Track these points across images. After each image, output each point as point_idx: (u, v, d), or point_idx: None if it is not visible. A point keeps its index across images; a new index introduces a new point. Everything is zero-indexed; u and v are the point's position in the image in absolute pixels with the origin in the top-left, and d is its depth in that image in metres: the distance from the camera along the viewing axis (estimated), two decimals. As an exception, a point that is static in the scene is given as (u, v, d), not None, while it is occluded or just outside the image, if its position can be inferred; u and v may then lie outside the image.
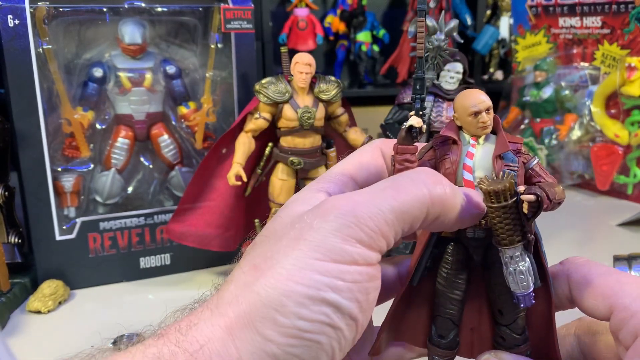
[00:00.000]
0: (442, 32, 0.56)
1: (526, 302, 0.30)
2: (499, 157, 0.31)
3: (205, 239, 0.61)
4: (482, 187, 0.29)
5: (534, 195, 0.28)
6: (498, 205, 0.29)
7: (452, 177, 0.31)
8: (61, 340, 0.52)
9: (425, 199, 0.28)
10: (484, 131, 0.31)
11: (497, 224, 0.29)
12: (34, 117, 0.57)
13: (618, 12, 0.90)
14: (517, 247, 0.30)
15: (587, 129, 0.94)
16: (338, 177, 0.33)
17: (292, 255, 0.27)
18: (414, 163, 0.31)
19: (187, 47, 0.68)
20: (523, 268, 0.30)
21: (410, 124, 0.31)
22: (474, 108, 0.31)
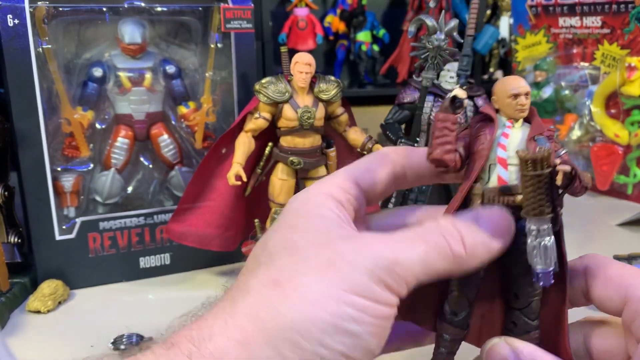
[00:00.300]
0: (442, 32, 0.56)
1: (545, 281, 0.30)
2: (533, 140, 0.31)
3: (205, 238, 0.61)
4: (520, 155, 0.29)
5: (570, 167, 0.29)
6: (534, 173, 0.29)
7: (485, 153, 0.32)
8: (61, 340, 0.52)
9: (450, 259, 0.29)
10: (521, 114, 0.32)
11: (530, 193, 0.30)
12: (34, 117, 0.57)
13: (618, 12, 0.90)
14: (546, 219, 0.30)
15: (587, 128, 0.94)
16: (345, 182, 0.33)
17: (321, 282, 0.27)
18: (453, 132, 0.32)
19: (187, 47, 0.68)
20: (549, 243, 0.30)
21: (454, 94, 0.32)
22: (514, 90, 0.32)
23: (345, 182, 0.33)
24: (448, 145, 0.32)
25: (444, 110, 0.32)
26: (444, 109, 0.32)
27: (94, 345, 0.50)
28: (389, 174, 0.35)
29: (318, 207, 0.31)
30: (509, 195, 0.31)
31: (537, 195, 0.30)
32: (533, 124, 0.32)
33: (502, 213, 0.31)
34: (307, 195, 0.32)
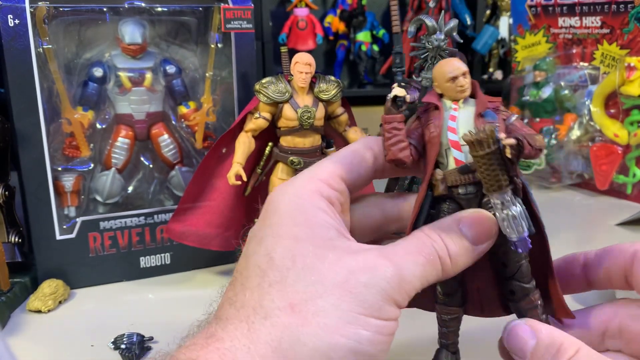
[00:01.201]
0: (442, 32, 0.56)
1: (523, 247, 0.32)
2: (480, 116, 0.33)
3: (205, 238, 0.61)
4: (465, 139, 0.31)
5: (515, 139, 0.30)
6: (483, 153, 0.30)
7: (437, 140, 0.33)
8: (61, 340, 0.52)
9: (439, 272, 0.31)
10: (463, 94, 0.33)
11: (484, 172, 0.31)
12: (34, 116, 0.58)
13: (617, 12, 0.90)
14: (506, 191, 0.31)
15: (586, 128, 0.94)
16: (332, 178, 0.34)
17: (338, 307, 0.28)
18: (402, 130, 0.33)
19: (187, 47, 0.68)
20: (515, 212, 0.31)
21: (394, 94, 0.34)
22: (451, 74, 0.33)
23: (331, 178, 0.33)
24: (400, 143, 0.33)
25: (387, 111, 0.33)
26: (387, 110, 0.34)
27: (94, 345, 0.51)
28: (370, 167, 0.35)
29: (314, 211, 0.31)
30: (469, 173, 0.32)
31: (491, 172, 0.31)
32: (477, 101, 0.33)
33: (481, 218, 0.32)
34: (298, 197, 0.32)
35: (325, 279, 0.29)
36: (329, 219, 0.31)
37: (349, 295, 0.28)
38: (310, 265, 0.29)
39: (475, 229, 0.32)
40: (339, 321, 0.28)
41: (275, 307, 0.28)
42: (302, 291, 0.28)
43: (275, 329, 0.28)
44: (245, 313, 0.29)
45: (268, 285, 0.29)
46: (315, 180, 0.33)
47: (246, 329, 0.28)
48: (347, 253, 0.30)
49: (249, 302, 0.29)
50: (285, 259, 0.30)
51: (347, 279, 0.29)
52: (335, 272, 0.29)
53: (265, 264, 0.30)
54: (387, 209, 0.37)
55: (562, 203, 0.91)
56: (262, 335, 0.28)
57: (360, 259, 0.30)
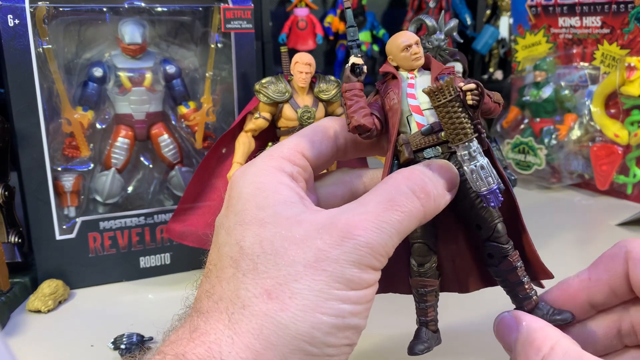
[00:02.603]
0: (442, 32, 0.56)
1: (495, 200, 0.31)
2: (436, 79, 0.34)
3: (205, 238, 0.61)
4: (425, 90, 0.31)
5: (474, 83, 0.31)
6: (445, 100, 0.31)
7: (398, 107, 0.33)
8: (61, 340, 0.52)
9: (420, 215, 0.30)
10: (418, 62, 0.35)
11: (448, 121, 0.31)
12: (34, 116, 0.58)
13: (618, 12, 0.90)
14: (472, 141, 0.31)
15: (586, 128, 0.94)
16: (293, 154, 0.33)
17: (314, 287, 0.28)
18: (362, 97, 0.34)
19: (187, 47, 0.68)
20: (483, 162, 0.31)
21: (352, 62, 0.34)
22: (405, 42, 0.34)
23: (292, 154, 0.33)
24: (362, 110, 0.33)
25: (346, 80, 0.34)
26: (347, 78, 0.34)
27: (94, 345, 0.51)
28: (332, 146, 0.35)
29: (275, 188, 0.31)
30: (432, 134, 0.33)
31: (455, 120, 0.31)
32: (432, 66, 0.35)
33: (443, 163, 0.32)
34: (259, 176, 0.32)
35: (296, 260, 0.28)
36: (291, 193, 0.31)
37: (322, 273, 0.28)
38: (279, 248, 0.29)
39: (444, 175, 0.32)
40: (317, 300, 0.28)
41: (251, 295, 0.28)
42: (275, 276, 0.28)
43: (255, 317, 0.28)
44: (224, 305, 0.29)
45: (242, 274, 0.29)
46: (276, 158, 0.33)
47: (227, 320, 0.28)
48: (314, 228, 0.29)
49: (226, 293, 0.29)
50: (254, 245, 0.29)
51: (317, 257, 0.28)
52: (305, 251, 0.28)
53: (236, 254, 0.30)
54: (354, 185, 0.37)
55: (562, 203, 0.91)
56: (243, 325, 0.28)
57: (327, 235, 0.29)
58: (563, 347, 0.29)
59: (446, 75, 0.33)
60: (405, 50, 0.34)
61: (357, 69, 0.34)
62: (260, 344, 0.27)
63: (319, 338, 0.27)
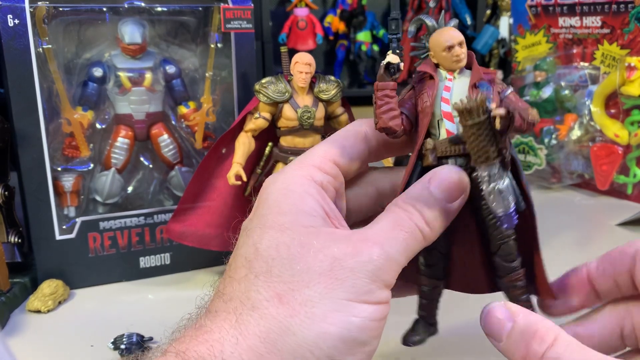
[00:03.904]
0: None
1: (508, 223, 0.31)
2: (474, 87, 0.32)
3: (204, 238, 0.61)
4: (456, 107, 0.30)
5: (505, 110, 0.29)
6: (472, 122, 0.30)
7: (430, 110, 0.33)
8: (61, 340, 0.52)
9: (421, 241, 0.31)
10: (459, 64, 0.33)
11: (473, 142, 0.30)
12: (34, 116, 0.57)
13: (618, 12, 0.90)
14: (494, 164, 0.31)
15: (586, 128, 0.94)
16: (324, 162, 0.33)
17: (326, 295, 0.28)
18: (393, 98, 0.33)
19: (187, 47, 0.68)
20: (502, 186, 0.31)
21: (387, 60, 0.33)
22: (447, 42, 0.33)
23: (324, 163, 0.33)
24: (392, 112, 0.33)
25: (380, 78, 0.33)
26: (380, 77, 0.33)
27: (94, 345, 0.50)
28: (364, 149, 0.35)
29: (301, 197, 0.31)
30: (459, 144, 0.32)
31: (479, 142, 0.30)
32: (472, 71, 0.33)
33: (452, 174, 0.32)
34: (288, 184, 0.32)
35: (311, 267, 0.28)
36: (316, 205, 0.31)
37: (336, 282, 0.28)
38: (295, 254, 0.29)
39: (445, 187, 0.31)
40: (327, 310, 0.27)
41: (262, 298, 0.28)
42: (289, 281, 0.28)
43: (264, 320, 0.28)
44: (233, 305, 0.29)
45: (254, 276, 0.29)
46: (306, 166, 0.33)
47: (234, 321, 0.28)
48: (331, 240, 0.29)
49: (237, 294, 0.29)
50: (270, 248, 0.29)
51: (333, 266, 0.28)
52: (320, 260, 0.29)
53: (251, 255, 0.30)
54: (380, 185, 0.37)
55: (562, 203, 0.91)
56: (250, 327, 0.28)
57: (343, 245, 0.29)
58: (566, 339, 0.28)
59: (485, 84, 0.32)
60: (447, 50, 0.33)
61: (392, 68, 0.33)
62: (265, 348, 0.27)
63: (324, 349, 0.27)
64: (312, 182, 0.32)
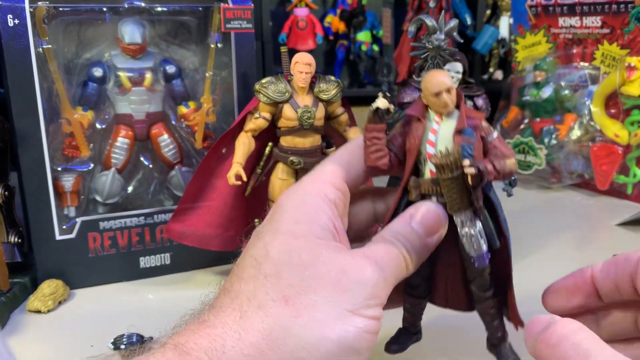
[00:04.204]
0: (442, 32, 0.56)
1: (480, 263, 0.34)
2: (458, 133, 0.34)
3: (205, 238, 0.61)
4: (433, 161, 0.33)
5: (475, 169, 0.31)
6: (445, 177, 0.32)
7: (415, 151, 0.35)
8: (61, 340, 0.52)
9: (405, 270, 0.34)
10: (445, 110, 0.34)
11: (447, 192, 0.33)
12: (34, 116, 0.57)
13: (618, 12, 0.90)
14: (466, 213, 0.33)
15: (586, 128, 0.94)
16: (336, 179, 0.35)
17: (329, 302, 0.30)
18: (382, 140, 0.35)
19: (187, 47, 0.68)
20: (473, 232, 0.33)
21: (377, 105, 0.35)
22: (435, 89, 0.34)
23: (336, 179, 0.35)
24: (379, 152, 0.35)
25: (370, 120, 0.35)
26: (370, 119, 0.35)
27: (94, 345, 0.50)
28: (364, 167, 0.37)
29: (316, 211, 0.33)
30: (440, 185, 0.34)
31: (453, 194, 0.33)
32: (459, 115, 0.34)
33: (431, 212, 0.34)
34: (304, 197, 0.34)
35: (319, 275, 0.30)
36: (328, 221, 0.33)
37: (340, 292, 0.30)
38: (305, 260, 0.31)
39: (425, 223, 0.34)
40: (330, 316, 0.29)
41: (269, 298, 0.30)
42: (297, 285, 0.30)
43: (268, 318, 0.29)
44: (239, 302, 0.30)
45: (263, 277, 0.30)
46: (321, 182, 0.35)
47: (238, 317, 0.29)
48: (339, 253, 0.32)
49: (244, 292, 0.30)
50: (281, 252, 0.31)
51: (339, 277, 0.30)
52: (329, 269, 0.30)
53: (261, 257, 0.31)
54: (377, 205, 0.40)
55: (562, 203, 0.91)
56: (254, 324, 0.29)
57: (350, 260, 0.31)
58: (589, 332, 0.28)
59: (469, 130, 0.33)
60: (435, 96, 0.34)
61: (380, 112, 0.35)
62: (267, 345, 0.28)
63: (322, 353, 0.28)
64: (326, 199, 0.34)
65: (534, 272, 0.49)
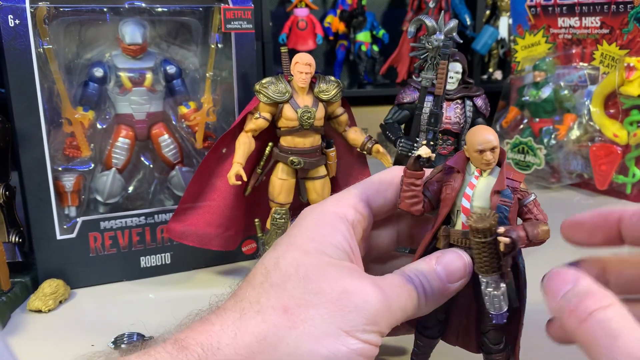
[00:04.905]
0: (442, 33, 0.56)
1: (498, 320, 0.35)
2: (496, 193, 0.34)
3: (205, 238, 0.61)
4: (468, 223, 0.33)
5: (509, 239, 0.32)
6: (479, 240, 0.33)
7: (450, 202, 0.35)
8: (62, 339, 0.52)
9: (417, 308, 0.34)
10: (487, 167, 0.35)
11: (477, 254, 0.33)
12: (35, 116, 0.58)
13: (617, 12, 0.90)
14: (493, 275, 0.34)
15: (586, 128, 0.94)
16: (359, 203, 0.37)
17: (326, 319, 0.31)
18: (419, 187, 0.36)
19: (188, 47, 0.68)
20: (497, 292, 0.34)
21: (419, 153, 0.35)
22: (480, 146, 0.34)
23: (358, 204, 0.36)
24: (414, 198, 0.36)
25: (410, 166, 0.35)
26: (410, 165, 0.35)
27: (94, 345, 0.51)
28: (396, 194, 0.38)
29: (332, 232, 0.34)
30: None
31: (483, 257, 0.33)
32: (498, 177, 0.34)
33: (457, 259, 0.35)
34: (324, 216, 0.35)
35: (321, 292, 0.31)
36: (344, 241, 0.34)
37: (338, 312, 0.31)
38: (311, 276, 0.32)
39: (449, 269, 0.34)
40: (323, 333, 0.30)
41: (269, 305, 0.31)
42: (298, 297, 0.31)
43: (265, 324, 0.30)
44: (241, 305, 0.31)
45: (269, 285, 0.32)
46: (343, 205, 0.36)
47: (237, 318, 0.31)
48: (347, 275, 0.32)
49: (248, 297, 0.32)
50: (290, 265, 0.32)
51: (340, 297, 0.31)
52: (332, 288, 0.31)
53: (271, 266, 0.33)
54: (401, 230, 0.41)
55: (561, 203, 0.91)
56: (250, 326, 0.30)
57: (356, 283, 0.32)
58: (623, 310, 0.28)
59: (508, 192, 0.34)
60: (478, 152, 0.34)
61: (421, 160, 0.35)
62: (259, 348, 0.29)
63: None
64: (344, 220, 0.35)
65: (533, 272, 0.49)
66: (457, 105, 0.62)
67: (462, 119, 0.61)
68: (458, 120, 0.61)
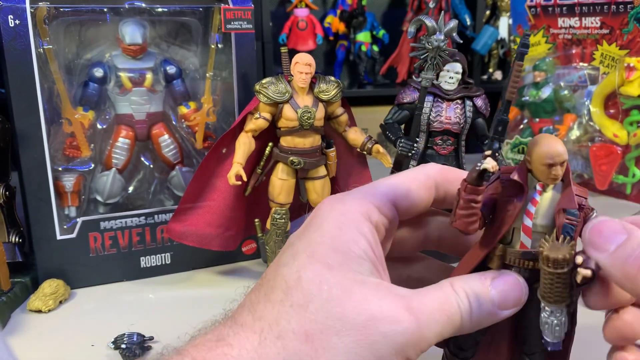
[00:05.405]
0: (442, 33, 0.56)
1: (555, 348, 0.31)
2: (563, 211, 0.30)
3: (205, 238, 0.61)
4: (542, 252, 0.29)
5: (591, 271, 0.28)
6: (553, 271, 0.29)
7: (511, 220, 0.31)
8: (62, 339, 0.52)
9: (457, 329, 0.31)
10: (554, 182, 0.31)
11: (548, 285, 0.30)
12: (35, 117, 0.58)
13: (617, 13, 0.90)
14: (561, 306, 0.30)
15: (586, 128, 0.94)
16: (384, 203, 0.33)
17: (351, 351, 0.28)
18: (479, 204, 0.31)
19: (188, 47, 0.68)
20: (559, 321, 0.31)
21: (485, 167, 0.30)
22: (550, 160, 0.30)
23: (383, 204, 0.33)
24: (472, 217, 0.31)
25: (471, 180, 0.30)
26: (471, 179, 0.30)
27: (94, 345, 0.51)
28: (428, 196, 0.35)
29: (355, 237, 0.31)
30: (531, 260, 0.31)
31: (554, 287, 0.30)
32: (565, 192, 0.31)
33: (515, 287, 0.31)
34: (346, 216, 0.32)
35: (347, 316, 0.29)
36: (368, 248, 0.31)
37: (364, 340, 0.28)
38: (335, 296, 0.29)
39: (504, 294, 0.31)
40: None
41: (290, 329, 0.28)
42: (321, 322, 0.28)
43: (286, 351, 0.28)
44: (260, 326, 0.29)
45: (289, 305, 0.29)
46: (366, 203, 0.33)
47: (257, 343, 0.28)
48: (374, 295, 0.30)
49: (268, 316, 0.29)
50: (312, 283, 0.29)
51: (367, 324, 0.28)
52: (358, 313, 0.29)
53: (293, 282, 0.30)
54: (429, 232, 0.37)
55: (561, 203, 0.91)
56: (270, 354, 0.28)
57: (385, 307, 0.29)
58: None
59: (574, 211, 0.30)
60: (547, 166, 0.30)
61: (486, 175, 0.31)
62: None
63: None
64: (367, 222, 0.32)
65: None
66: (457, 106, 0.62)
67: (462, 119, 0.62)
68: (458, 121, 0.61)
